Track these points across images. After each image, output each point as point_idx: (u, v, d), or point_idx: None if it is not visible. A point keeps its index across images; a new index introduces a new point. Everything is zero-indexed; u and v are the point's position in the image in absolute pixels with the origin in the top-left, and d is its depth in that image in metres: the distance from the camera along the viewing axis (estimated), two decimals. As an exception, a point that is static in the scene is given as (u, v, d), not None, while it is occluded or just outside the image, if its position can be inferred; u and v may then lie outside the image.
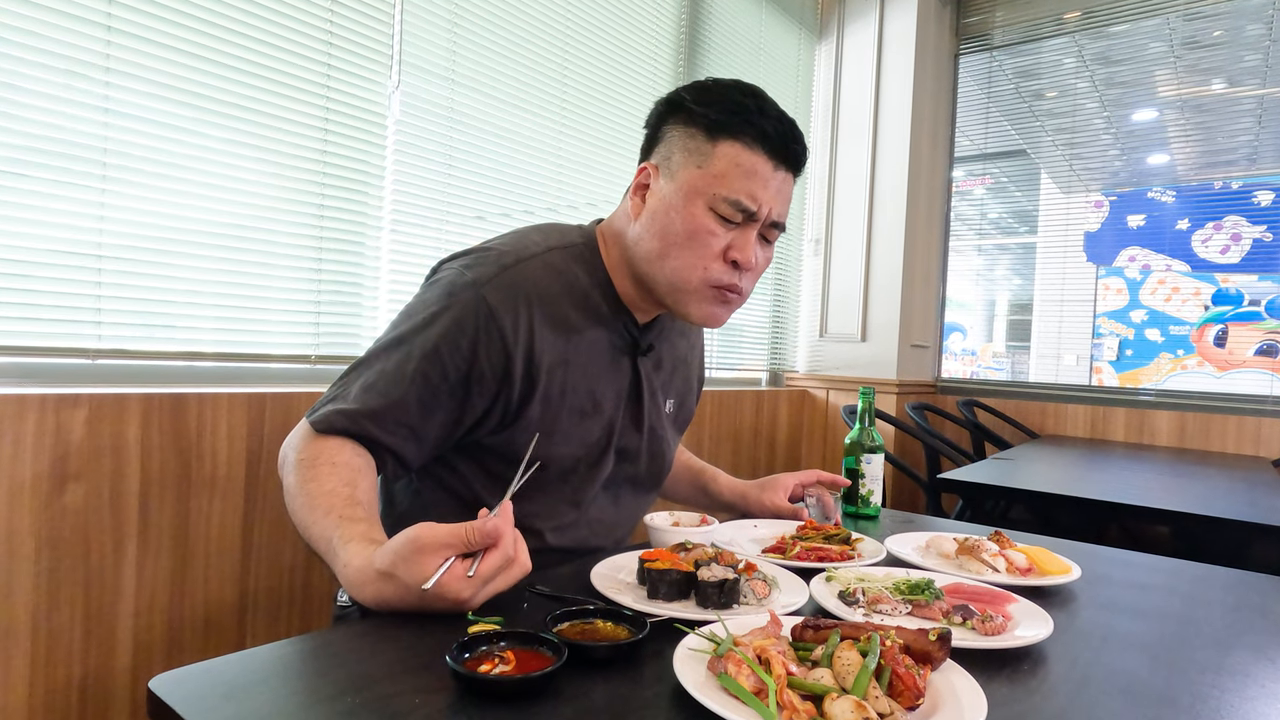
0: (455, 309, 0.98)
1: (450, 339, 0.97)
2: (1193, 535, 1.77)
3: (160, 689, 0.62)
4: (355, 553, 0.80)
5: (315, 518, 0.87)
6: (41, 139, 1.32)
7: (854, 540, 1.16)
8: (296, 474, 0.92)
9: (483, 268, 1.00)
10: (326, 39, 1.68)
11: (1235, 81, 3.26)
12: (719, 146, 0.98)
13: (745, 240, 1.00)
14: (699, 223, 0.99)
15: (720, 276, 1.01)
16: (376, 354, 1.00)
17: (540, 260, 1.03)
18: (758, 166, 0.98)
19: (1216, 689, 0.73)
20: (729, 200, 0.98)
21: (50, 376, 1.36)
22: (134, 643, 1.37)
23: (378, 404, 0.96)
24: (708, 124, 0.99)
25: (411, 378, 0.97)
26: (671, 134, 1.03)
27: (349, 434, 0.96)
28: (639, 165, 1.07)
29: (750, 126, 0.98)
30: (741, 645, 0.66)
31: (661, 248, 1.01)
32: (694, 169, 0.99)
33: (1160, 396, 3.21)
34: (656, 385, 1.18)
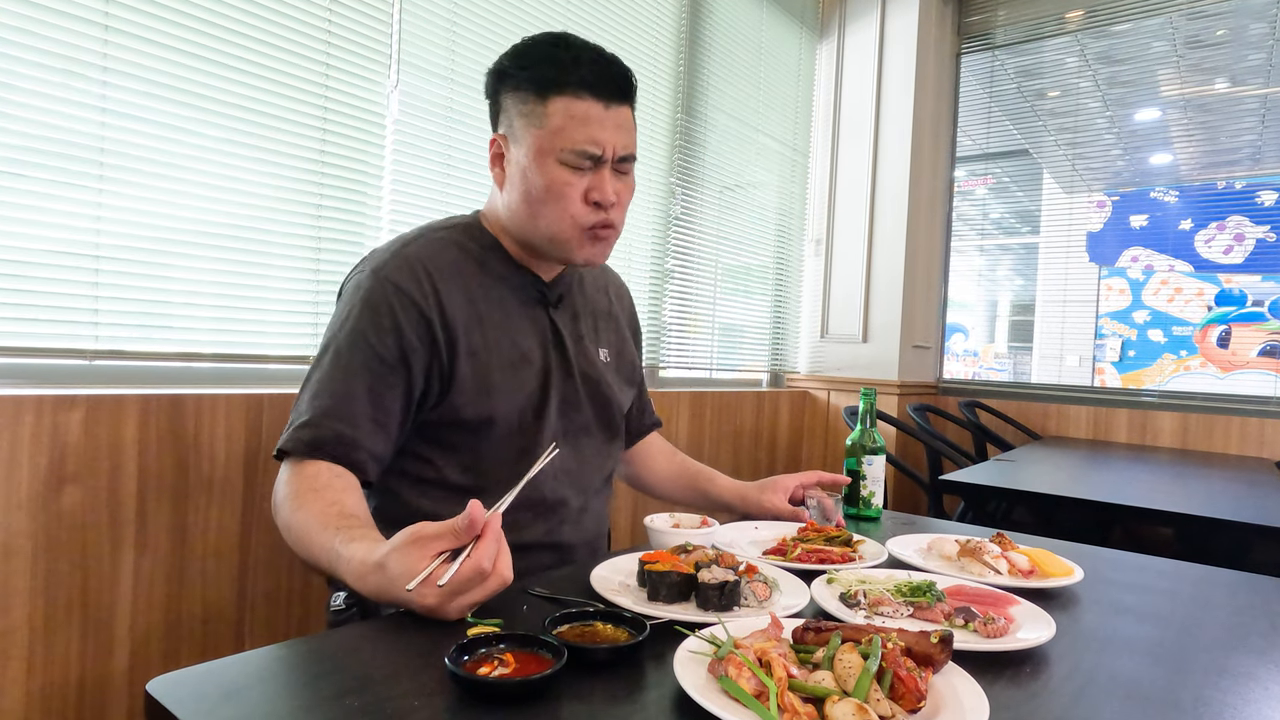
0: (366, 300, 1.04)
1: (372, 324, 1.03)
2: (1196, 537, 1.77)
3: (158, 691, 0.62)
4: (357, 549, 0.82)
5: (312, 538, 0.89)
6: (38, 139, 1.31)
7: (855, 542, 1.16)
8: (285, 509, 0.95)
9: (374, 260, 1.09)
10: (325, 38, 1.68)
11: (1238, 81, 3.26)
12: (550, 104, 1.05)
13: (600, 181, 1.08)
14: (554, 177, 1.06)
15: (588, 219, 1.08)
16: (311, 373, 1.05)
17: (425, 239, 1.11)
18: (590, 112, 1.06)
19: (1219, 691, 0.73)
20: (574, 151, 1.05)
21: (47, 377, 1.36)
22: (131, 645, 1.36)
23: (331, 404, 1.00)
24: (534, 86, 1.06)
25: (353, 372, 1.02)
26: (507, 102, 1.10)
27: (319, 447, 0.99)
28: (491, 135, 1.14)
29: (571, 77, 1.05)
30: (742, 648, 0.66)
31: (530, 209, 1.09)
32: (535, 130, 1.06)
33: (1163, 397, 3.21)
34: (582, 333, 1.24)
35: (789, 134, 3.43)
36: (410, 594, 0.75)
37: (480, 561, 0.75)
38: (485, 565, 0.75)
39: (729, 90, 3.05)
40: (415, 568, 0.75)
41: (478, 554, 0.75)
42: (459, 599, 0.76)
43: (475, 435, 1.10)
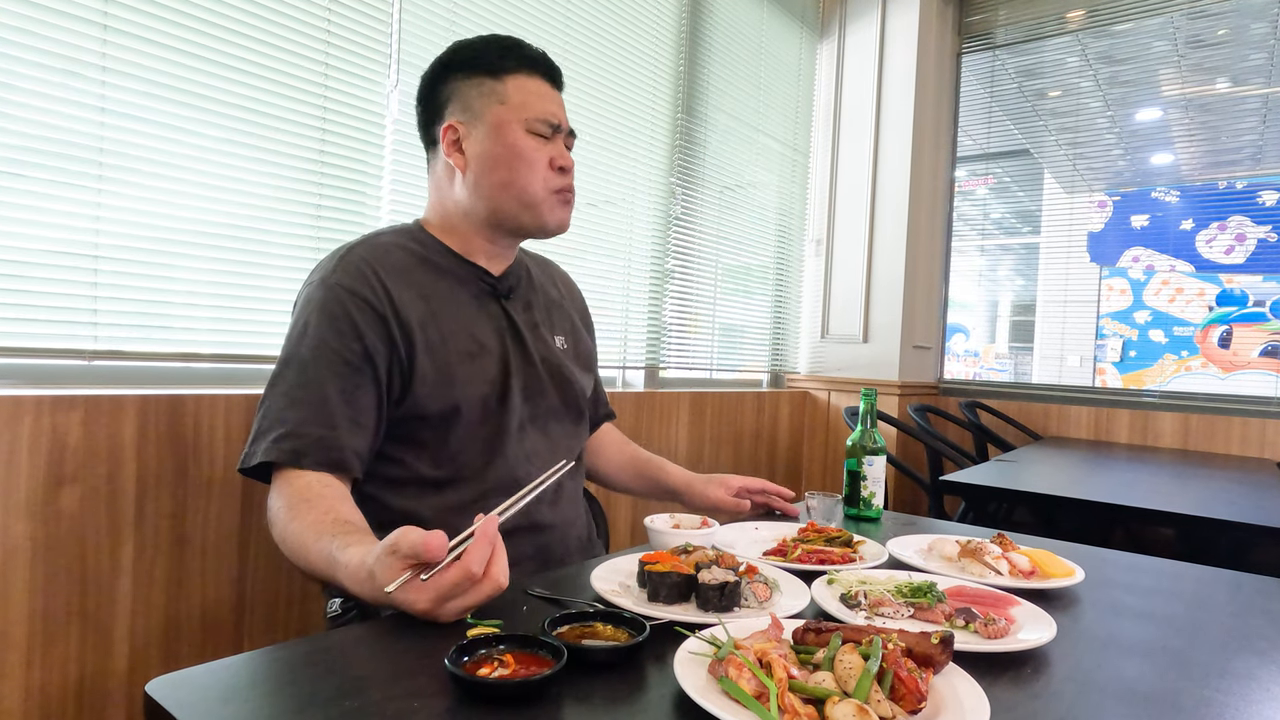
0: (321, 308, 1.06)
1: (332, 330, 1.05)
2: (1197, 538, 1.76)
3: (157, 692, 0.62)
4: (353, 554, 0.83)
5: (309, 548, 0.90)
6: (37, 138, 1.31)
7: (856, 543, 1.16)
8: (280, 521, 0.96)
9: (322, 271, 1.11)
10: (324, 37, 1.67)
11: (1240, 80, 3.25)
12: (507, 83, 1.14)
13: (560, 149, 1.17)
14: (522, 144, 1.14)
15: (555, 182, 1.16)
16: (273, 386, 1.06)
17: (367, 244, 1.14)
18: (542, 89, 1.17)
19: (1221, 692, 0.73)
20: (539, 119, 1.14)
21: (46, 378, 1.35)
22: (130, 646, 1.36)
23: (308, 412, 1.01)
24: (487, 68, 1.14)
25: (321, 378, 1.03)
26: (457, 91, 1.15)
27: (305, 454, 0.99)
28: (440, 128, 1.17)
29: (524, 59, 1.16)
30: (742, 648, 0.66)
31: (503, 178, 1.14)
32: (497, 106, 1.14)
33: (1164, 398, 3.20)
34: (536, 321, 1.27)
35: (789, 134, 3.43)
36: (400, 598, 0.75)
37: (469, 565, 0.74)
38: (475, 569, 0.74)
39: (729, 90, 3.04)
40: (397, 576, 0.75)
41: (467, 558, 0.74)
42: (451, 603, 0.75)
43: (442, 427, 1.11)
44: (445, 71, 1.17)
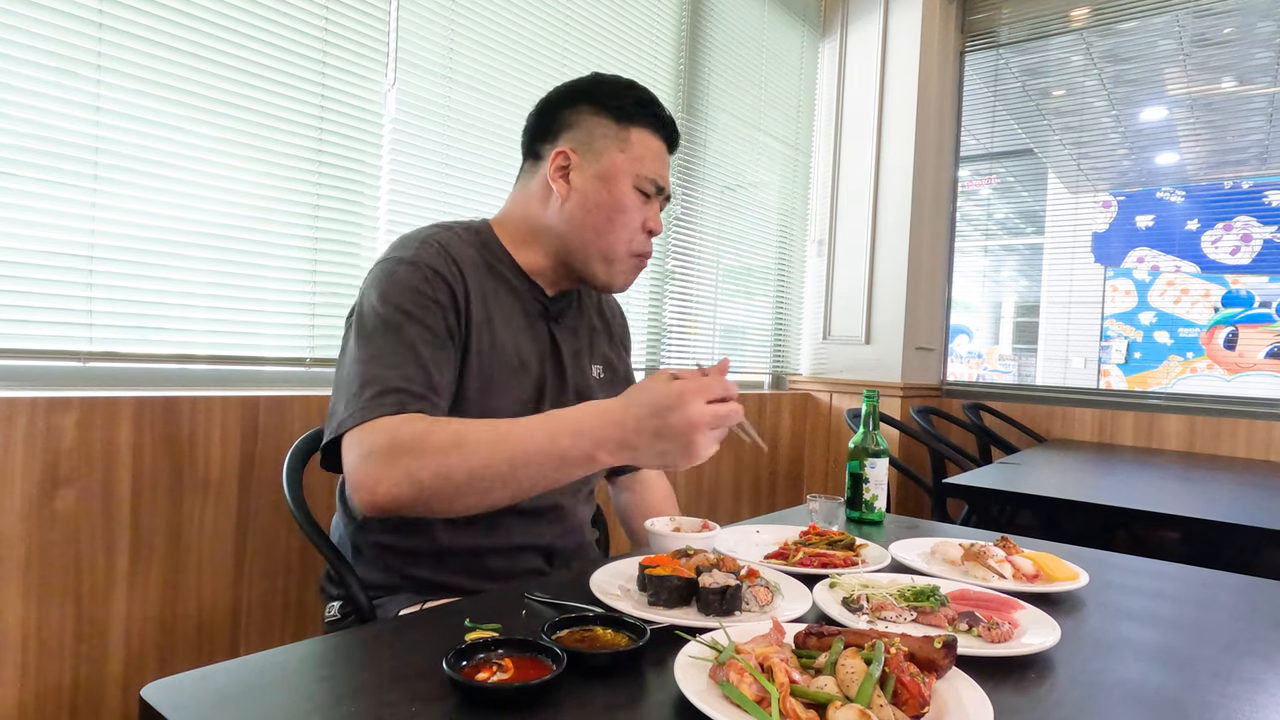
0: (405, 281, 1.03)
1: (418, 303, 1.02)
2: (1202, 541, 1.76)
3: (152, 697, 0.62)
4: (587, 405, 0.88)
5: (507, 429, 0.88)
6: (32, 138, 1.30)
7: (858, 546, 1.15)
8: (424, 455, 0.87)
9: (403, 251, 1.07)
10: (321, 36, 1.67)
11: (1246, 79, 3.24)
12: (633, 133, 1.14)
13: (655, 212, 1.17)
14: (627, 200, 1.13)
15: (642, 246, 1.16)
16: (365, 348, 0.99)
17: (449, 234, 1.12)
18: (660, 151, 1.17)
19: (1227, 697, 0.73)
20: (649, 179, 1.14)
21: (41, 380, 1.35)
22: (126, 650, 1.35)
23: (408, 370, 0.97)
24: (617, 113, 1.14)
25: (414, 339, 0.99)
26: (582, 121, 1.14)
27: (402, 408, 0.93)
28: (553, 150, 1.15)
29: (654, 116, 1.16)
30: (744, 653, 0.66)
31: (597, 223, 1.13)
32: (617, 153, 1.13)
33: (1169, 400, 3.19)
34: (579, 349, 1.25)
35: (791, 133, 3.42)
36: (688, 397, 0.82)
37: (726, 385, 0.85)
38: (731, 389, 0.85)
39: (730, 89, 3.03)
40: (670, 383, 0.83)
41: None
42: (716, 417, 0.83)
43: None
44: (575, 98, 1.16)
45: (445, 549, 1.09)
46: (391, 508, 0.89)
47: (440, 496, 0.88)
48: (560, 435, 0.86)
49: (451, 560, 1.10)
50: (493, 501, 0.89)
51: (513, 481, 0.87)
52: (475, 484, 0.87)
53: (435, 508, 0.89)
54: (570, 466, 0.87)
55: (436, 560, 1.10)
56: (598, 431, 0.85)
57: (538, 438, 0.86)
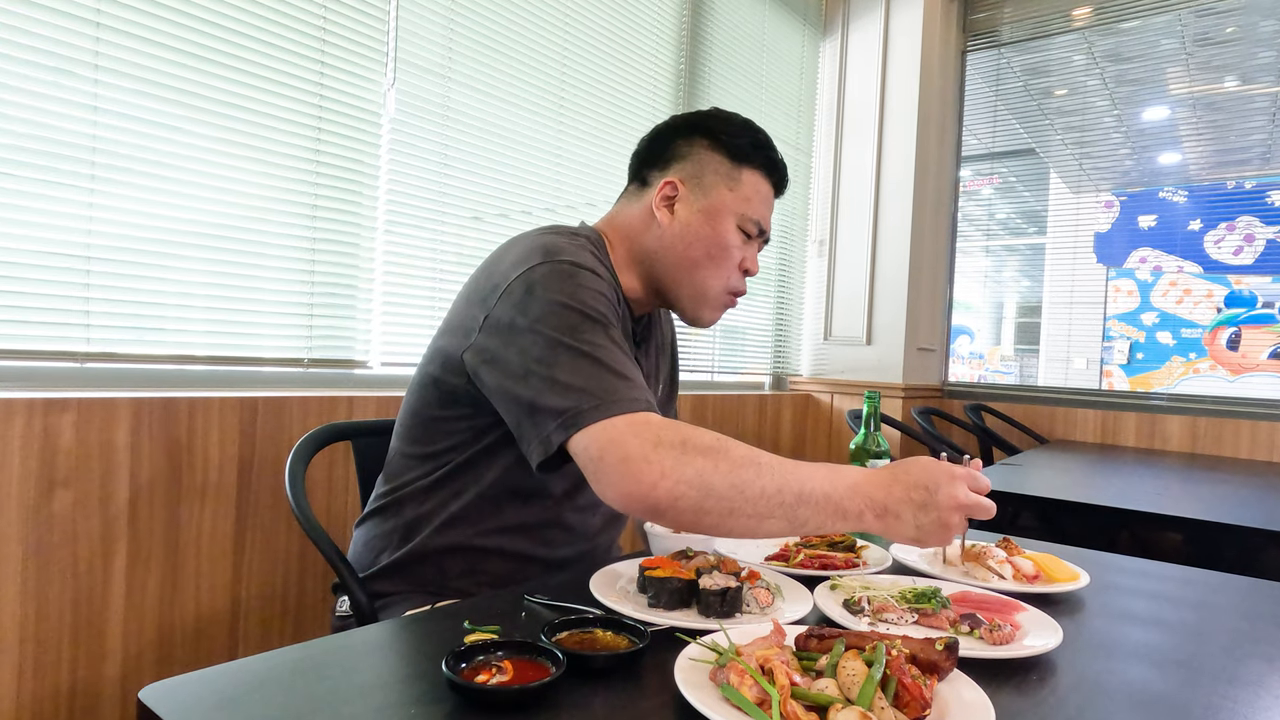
0: (589, 285, 0.99)
1: (609, 307, 0.99)
2: (1205, 543, 1.75)
3: (150, 699, 0.61)
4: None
5: (795, 469, 0.88)
6: (29, 137, 1.30)
7: (859, 547, 1.15)
8: (720, 460, 0.85)
9: (571, 256, 1.02)
10: (320, 35, 1.66)
11: (1249, 79, 3.23)
12: (744, 173, 1.14)
13: (754, 253, 1.18)
14: (729, 238, 1.13)
15: (737, 285, 1.17)
16: (573, 346, 0.93)
17: (591, 249, 1.08)
18: (768, 194, 1.17)
19: (1229, 700, 0.73)
20: (753, 220, 1.15)
21: (37, 380, 1.34)
22: (123, 652, 1.35)
23: (638, 376, 0.94)
24: (733, 152, 1.14)
25: (621, 348, 0.96)
26: (695, 155, 1.15)
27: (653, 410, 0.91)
28: (661, 178, 1.15)
29: (768, 159, 1.16)
30: (744, 655, 0.66)
31: (696, 257, 1.13)
32: (725, 191, 1.13)
33: (1172, 401, 3.18)
34: (650, 371, 1.26)
35: (792, 133, 3.41)
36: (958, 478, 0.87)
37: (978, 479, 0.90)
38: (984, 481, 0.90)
39: (731, 89, 3.03)
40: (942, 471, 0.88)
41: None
42: (975, 505, 0.87)
43: None
44: (693, 130, 1.16)
45: (488, 549, 1.09)
46: (664, 508, 0.85)
47: (722, 509, 0.85)
48: (838, 484, 0.87)
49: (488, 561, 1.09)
50: (763, 530, 0.86)
51: (792, 516, 0.86)
52: (760, 506, 0.85)
53: (705, 519, 0.85)
54: (841, 519, 0.86)
55: (473, 560, 1.09)
56: (868, 491, 0.87)
57: (819, 480, 0.86)
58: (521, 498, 1.09)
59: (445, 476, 1.09)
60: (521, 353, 0.94)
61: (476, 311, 1.01)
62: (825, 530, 0.88)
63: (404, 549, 1.11)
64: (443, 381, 1.07)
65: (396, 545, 1.12)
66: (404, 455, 1.14)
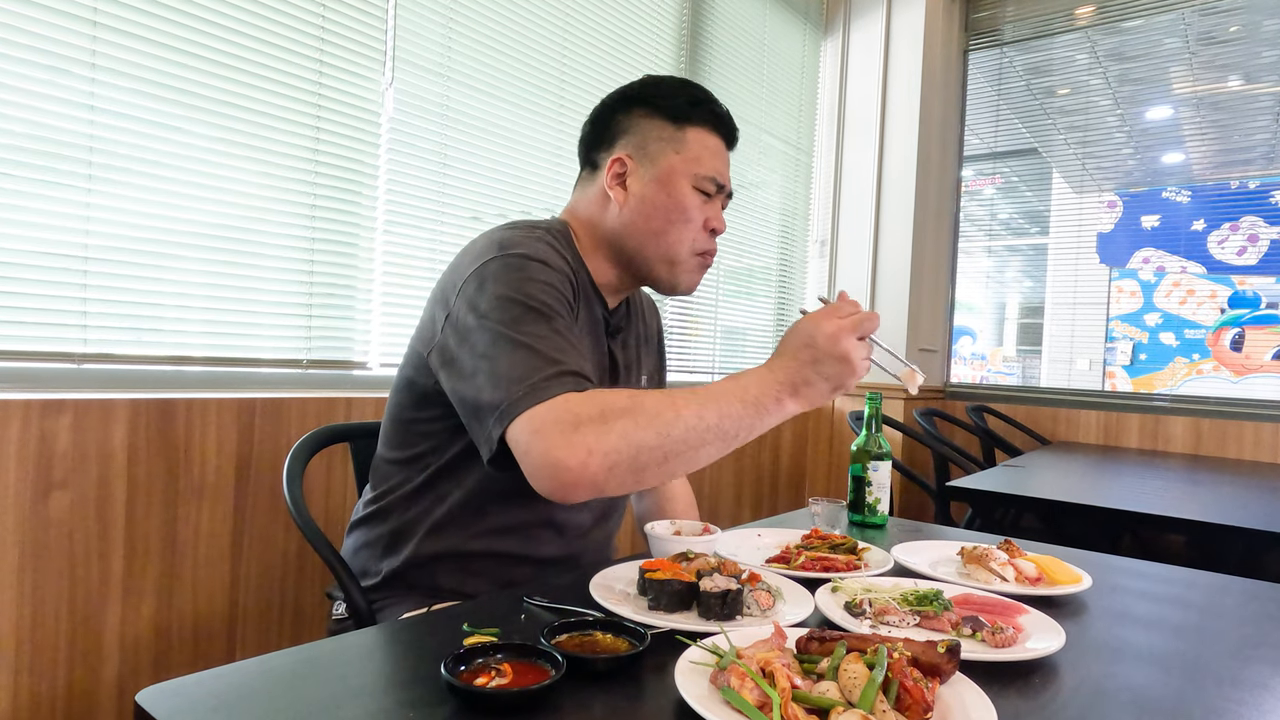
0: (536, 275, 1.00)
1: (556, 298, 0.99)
2: (1208, 544, 1.75)
3: (147, 702, 0.61)
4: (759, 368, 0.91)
5: (695, 396, 0.88)
6: (25, 137, 1.30)
7: (860, 550, 1.15)
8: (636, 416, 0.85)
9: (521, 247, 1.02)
10: (318, 34, 1.66)
11: (1253, 78, 3.22)
12: (688, 133, 1.12)
13: (717, 210, 1.16)
14: (686, 200, 1.12)
15: (704, 245, 1.15)
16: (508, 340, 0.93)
17: (550, 241, 1.09)
18: (719, 147, 1.15)
19: (1233, 702, 0.72)
20: (707, 177, 1.12)
21: (34, 381, 1.34)
22: (120, 655, 1.34)
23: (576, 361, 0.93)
24: (672, 114, 1.13)
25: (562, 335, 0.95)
26: (636, 126, 1.14)
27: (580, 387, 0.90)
28: (609, 157, 1.14)
29: (709, 114, 1.14)
30: (745, 658, 0.66)
31: (657, 227, 1.12)
32: (672, 155, 1.12)
33: (1175, 402, 3.17)
34: (630, 362, 1.25)
35: (793, 133, 3.41)
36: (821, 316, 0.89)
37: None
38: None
39: (731, 88, 3.02)
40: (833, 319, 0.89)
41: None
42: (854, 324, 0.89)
43: None
44: (628, 103, 1.15)
45: (476, 553, 1.08)
46: (603, 482, 0.85)
47: (656, 459, 0.86)
48: (748, 388, 0.89)
49: (479, 564, 1.09)
50: (703, 459, 0.89)
51: (722, 433, 0.88)
52: (691, 440, 0.87)
53: (645, 475, 0.86)
54: (764, 414, 0.89)
55: (463, 564, 1.09)
56: (773, 379, 0.89)
57: (731, 394, 0.89)
58: (505, 500, 1.08)
59: (426, 483, 1.09)
60: (471, 350, 0.95)
61: (439, 311, 1.03)
62: (754, 435, 0.90)
63: (392, 558, 1.10)
64: (415, 383, 1.08)
65: (383, 554, 1.12)
66: (386, 461, 1.14)
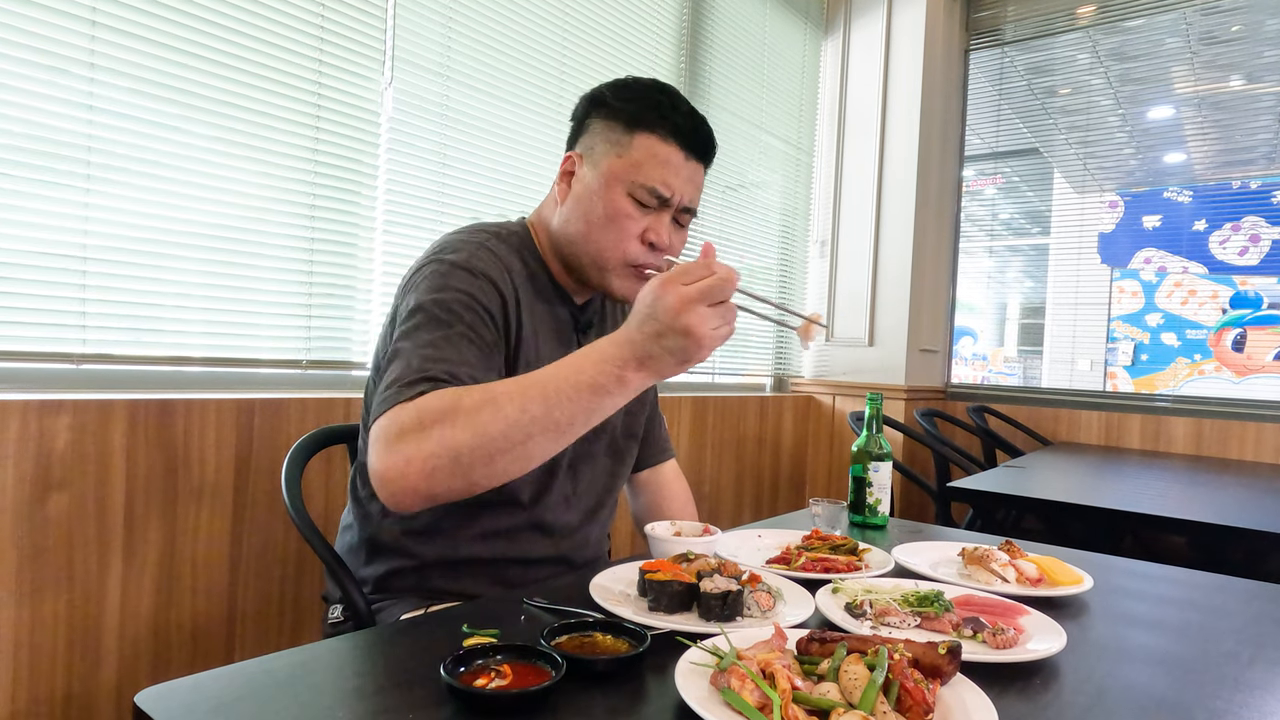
0: (459, 284, 1.01)
1: (470, 308, 1.00)
2: (1210, 545, 1.74)
3: (146, 704, 0.61)
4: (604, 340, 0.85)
5: (534, 379, 0.85)
6: (24, 137, 1.30)
7: (861, 551, 1.14)
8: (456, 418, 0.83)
9: (457, 254, 1.05)
10: (317, 34, 1.66)
11: (1254, 78, 3.21)
12: (636, 138, 1.08)
13: (660, 224, 1.09)
14: (618, 207, 1.07)
15: (637, 256, 1.09)
16: (401, 347, 0.95)
17: (494, 244, 1.10)
18: (671, 157, 1.08)
19: (1234, 704, 0.72)
20: (645, 187, 1.07)
21: (33, 382, 1.34)
22: (119, 656, 1.34)
23: (444, 364, 0.92)
24: (626, 117, 1.08)
25: (457, 339, 0.96)
26: (594, 126, 1.11)
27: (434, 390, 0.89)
28: (564, 155, 1.14)
29: (664, 121, 1.08)
30: (745, 659, 0.65)
31: (585, 229, 1.09)
32: (614, 158, 1.08)
33: (1176, 402, 3.16)
34: None
35: (793, 132, 3.40)
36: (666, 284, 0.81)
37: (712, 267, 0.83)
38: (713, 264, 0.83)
39: (732, 88, 3.02)
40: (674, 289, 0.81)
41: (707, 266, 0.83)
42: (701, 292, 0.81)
43: None
44: (595, 103, 1.13)
45: (464, 558, 1.08)
46: (425, 489, 0.83)
47: (481, 459, 0.82)
48: (584, 366, 0.84)
49: (468, 569, 1.09)
50: (535, 453, 0.84)
51: (551, 424, 0.83)
52: (514, 435, 0.82)
53: (476, 476, 0.84)
54: (603, 394, 0.84)
55: (453, 570, 1.09)
56: (616, 352, 0.84)
57: (563, 372, 0.84)
58: (487, 505, 1.08)
59: None
60: (389, 358, 0.97)
61: (393, 314, 1.05)
62: (597, 418, 0.85)
63: (376, 564, 1.11)
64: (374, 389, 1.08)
65: (367, 560, 1.12)
66: (361, 469, 1.13)
